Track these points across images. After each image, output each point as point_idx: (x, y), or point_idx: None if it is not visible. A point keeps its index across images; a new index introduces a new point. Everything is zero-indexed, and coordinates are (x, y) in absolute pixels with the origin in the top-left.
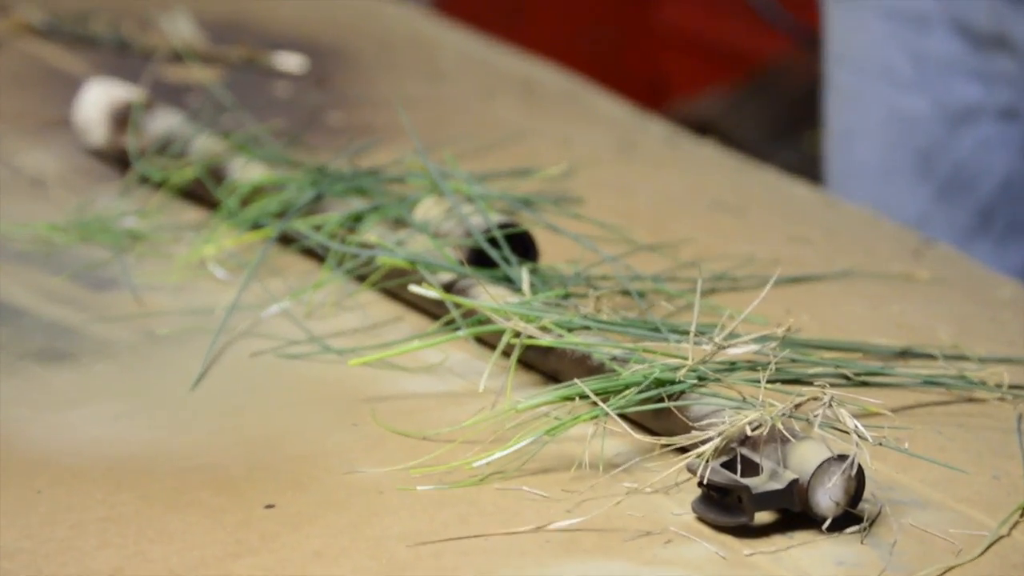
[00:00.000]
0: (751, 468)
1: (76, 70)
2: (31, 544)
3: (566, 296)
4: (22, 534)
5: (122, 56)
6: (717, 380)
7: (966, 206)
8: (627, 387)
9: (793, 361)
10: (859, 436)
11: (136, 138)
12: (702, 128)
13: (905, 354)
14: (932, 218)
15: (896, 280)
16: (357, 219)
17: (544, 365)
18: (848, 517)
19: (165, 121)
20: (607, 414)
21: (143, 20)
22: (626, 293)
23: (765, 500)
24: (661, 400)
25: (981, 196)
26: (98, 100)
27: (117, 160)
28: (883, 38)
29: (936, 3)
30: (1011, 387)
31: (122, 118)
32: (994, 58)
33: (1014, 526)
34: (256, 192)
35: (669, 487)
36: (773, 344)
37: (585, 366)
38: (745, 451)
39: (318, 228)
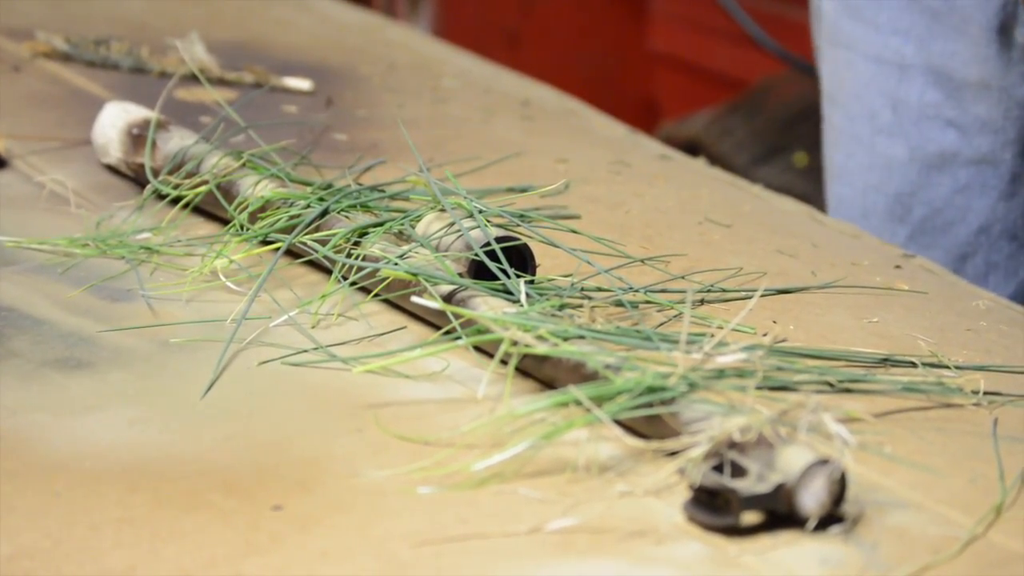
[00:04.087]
0: (739, 471)
1: (95, 92)
2: (50, 544)
3: (562, 307)
4: (41, 534)
5: (139, 78)
6: (707, 387)
7: (942, 249)
8: (620, 394)
9: (779, 369)
10: (842, 441)
11: (152, 156)
12: (691, 148)
13: (886, 362)
14: None
15: (878, 292)
16: (362, 234)
17: (540, 373)
18: (831, 518)
19: (179, 140)
20: (601, 420)
21: (159, 45)
22: (619, 304)
23: (752, 502)
24: (653, 406)
25: (958, 239)
26: (116, 120)
27: (134, 177)
28: (867, 82)
29: (916, 52)
30: (987, 393)
31: (138, 138)
32: (971, 106)
33: (989, 526)
34: (265, 208)
35: (660, 490)
36: (760, 353)
37: (580, 374)
38: (733, 455)
39: (324, 242)
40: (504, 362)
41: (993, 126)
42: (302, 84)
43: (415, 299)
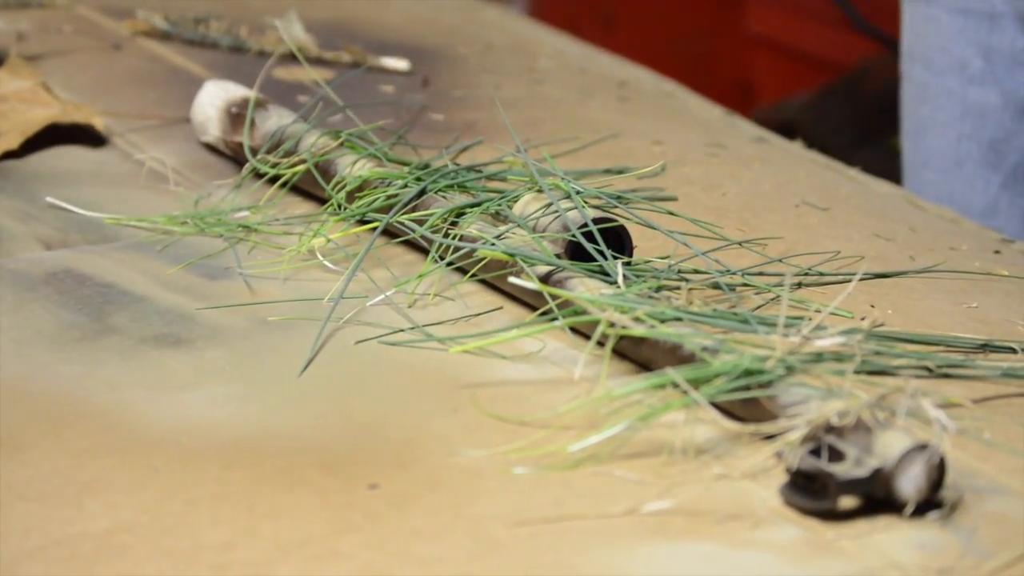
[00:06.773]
0: (836, 456)
1: (194, 71)
2: (148, 519)
3: (659, 289)
4: (140, 509)
5: (237, 57)
6: (804, 371)
7: None
8: (717, 376)
9: (877, 353)
10: (941, 426)
11: (250, 135)
12: (787, 131)
13: (985, 347)
14: (1000, 206)
15: (977, 277)
16: (459, 214)
17: (637, 354)
18: (929, 503)
19: (277, 119)
20: (698, 402)
21: (257, 24)
22: (716, 286)
23: (850, 486)
24: (750, 389)
25: None
26: (215, 99)
27: (232, 156)
28: (955, 34)
29: (1004, 0)
30: None
31: (237, 116)
32: None
33: None
34: (363, 187)
35: (757, 473)
36: (858, 337)
37: (676, 356)
38: (831, 439)
39: (422, 222)
40: (601, 343)
41: None
42: (399, 64)
43: (512, 279)
